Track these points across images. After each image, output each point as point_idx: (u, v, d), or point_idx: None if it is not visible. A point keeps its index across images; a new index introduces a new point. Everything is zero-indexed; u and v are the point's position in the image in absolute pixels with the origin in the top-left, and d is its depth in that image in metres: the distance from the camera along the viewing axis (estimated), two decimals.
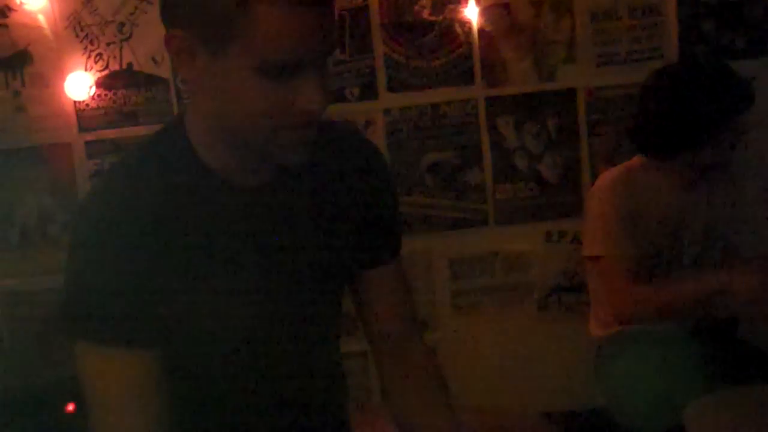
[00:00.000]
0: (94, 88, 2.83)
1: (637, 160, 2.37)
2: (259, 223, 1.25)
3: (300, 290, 1.31)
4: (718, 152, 2.23)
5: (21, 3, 2.78)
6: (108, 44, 2.82)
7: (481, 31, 2.89)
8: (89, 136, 2.87)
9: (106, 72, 2.84)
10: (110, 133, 2.87)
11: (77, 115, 2.85)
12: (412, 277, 2.65)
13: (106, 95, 2.84)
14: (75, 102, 2.84)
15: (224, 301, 1.23)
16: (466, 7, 2.87)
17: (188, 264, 1.19)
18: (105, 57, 2.83)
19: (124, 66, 2.84)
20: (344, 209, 1.34)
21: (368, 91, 2.90)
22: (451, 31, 2.89)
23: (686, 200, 2.33)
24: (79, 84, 2.82)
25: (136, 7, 2.81)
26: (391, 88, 2.92)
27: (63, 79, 2.82)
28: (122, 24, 2.81)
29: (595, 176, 2.93)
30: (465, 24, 2.89)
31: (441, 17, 2.88)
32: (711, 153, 2.22)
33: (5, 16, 2.80)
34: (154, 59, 2.84)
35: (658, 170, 2.31)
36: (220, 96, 1.11)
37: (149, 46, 2.83)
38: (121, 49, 2.83)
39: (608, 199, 2.28)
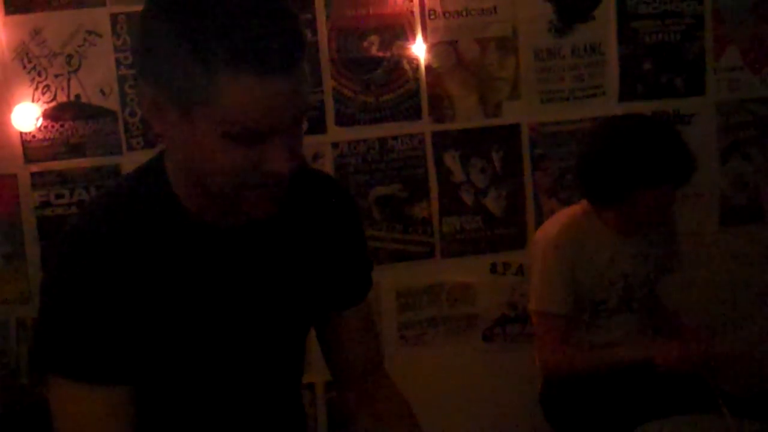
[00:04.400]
0: (41, 120, 2.81)
1: (582, 205, 2.41)
2: (233, 263, 1.27)
3: (269, 330, 1.33)
4: (640, 212, 2.28)
5: None
6: (56, 76, 2.80)
7: (428, 67, 2.94)
8: (35, 168, 2.84)
9: (53, 103, 2.82)
10: (57, 165, 2.84)
11: (23, 146, 2.82)
12: None
13: (53, 127, 2.82)
14: (21, 133, 2.81)
15: (195, 339, 1.25)
16: (414, 44, 2.91)
17: (161, 301, 1.20)
18: (52, 88, 2.81)
19: (72, 98, 2.82)
20: (316, 252, 1.37)
21: (317, 125, 2.93)
22: (399, 68, 2.93)
23: (632, 246, 2.37)
24: (26, 115, 2.79)
25: (84, 40, 2.80)
26: (339, 122, 2.95)
27: (9, 110, 2.79)
28: (70, 56, 2.80)
29: (539, 209, 3.00)
30: (413, 60, 2.93)
31: (389, 54, 2.92)
32: (634, 211, 2.28)
33: None
34: (102, 91, 2.83)
35: (601, 218, 2.36)
36: (189, 152, 1.12)
37: (97, 78, 2.82)
38: (69, 80, 2.81)
39: (551, 255, 2.33)
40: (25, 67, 2.79)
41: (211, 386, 1.31)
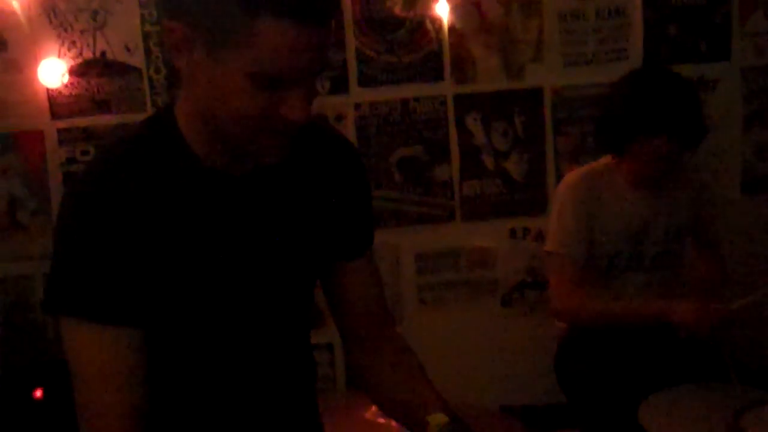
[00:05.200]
0: (67, 76, 2.84)
1: (603, 160, 2.42)
2: (241, 209, 1.29)
3: (276, 277, 1.35)
4: (647, 163, 2.28)
5: None
6: (82, 32, 2.83)
7: (451, 28, 2.93)
8: (61, 124, 2.87)
9: (79, 60, 2.85)
10: (82, 121, 2.87)
11: (50, 102, 2.86)
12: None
13: (79, 83, 2.85)
14: (48, 89, 2.84)
15: (204, 283, 1.26)
16: (437, 4, 2.91)
17: (171, 244, 1.22)
18: (78, 45, 2.83)
19: (98, 54, 2.85)
20: (321, 202, 1.38)
21: (339, 85, 2.93)
22: (421, 28, 2.93)
23: (649, 202, 2.38)
24: (53, 71, 2.82)
25: None
26: (361, 83, 2.95)
27: (36, 66, 2.82)
28: (96, 12, 2.82)
29: (560, 174, 2.98)
30: (436, 21, 2.93)
31: (412, 14, 2.92)
32: (642, 162, 2.29)
33: None
34: (127, 48, 2.85)
35: (621, 172, 2.37)
36: (210, 92, 1.14)
37: (123, 34, 2.85)
38: (94, 37, 2.84)
39: (569, 199, 2.35)
40: (51, 23, 2.82)
41: (220, 333, 1.32)
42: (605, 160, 2.42)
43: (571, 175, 2.43)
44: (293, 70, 1.10)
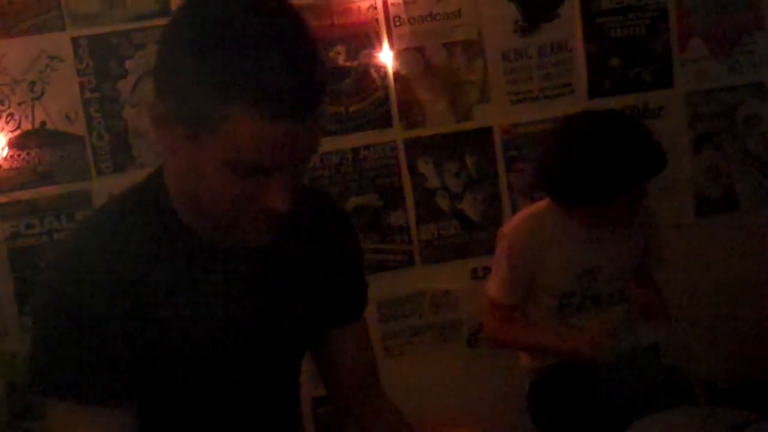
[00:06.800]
0: (6, 149, 2.76)
1: (547, 201, 2.40)
2: (232, 280, 1.26)
3: (268, 348, 1.33)
4: (616, 209, 2.23)
5: None
6: (19, 104, 2.76)
7: (396, 74, 2.93)
8: (4, 198, 2.78)
9: (18, 132, 2.77)
10: (26, 194, 2.79)
11: None
12: None
13: (19, 155, 2.78)
14: None
15: (194, 357, 1.24)
16: (381, 51, 2.91)
17: (159, 319, 1.19)
18: (16, 117, 2.77)
19: (37, 125, 2.78)
20: (313, 270, 1.37)
21: None
22: (367, 76, 2.92)
23: (601, 241, 2.35)
24: None
25: (47, 65, 2.76)
26: None
27: None
28: (33, 83, 2.76)
29: (516, 212, 2.98)
30: (380, 69, 2.92)
31: (356, 63, 2.91)
32: (609, 209, 2.23)
33: None
34: (67, 117, 2.79)
35: (567, 214, 2.34)
36: (190, 172, 1.12)
37: (62, 103, 2.78)
38: (33, 108, 2.77)
39: (505, 246, 2.35)
40: None
41: (211, 402, 1.30)
42: (548, 200, 2.39)
43: (513, 221, 2.42)
44: (269, 161, 1.06)
